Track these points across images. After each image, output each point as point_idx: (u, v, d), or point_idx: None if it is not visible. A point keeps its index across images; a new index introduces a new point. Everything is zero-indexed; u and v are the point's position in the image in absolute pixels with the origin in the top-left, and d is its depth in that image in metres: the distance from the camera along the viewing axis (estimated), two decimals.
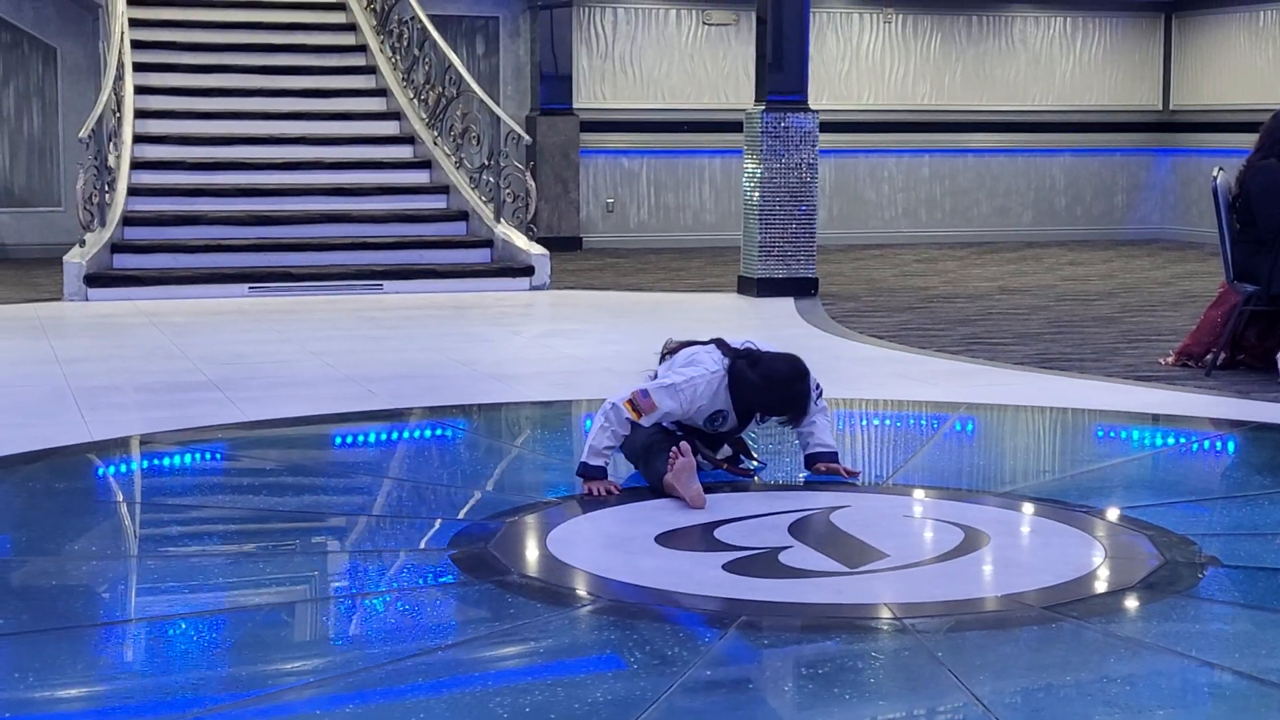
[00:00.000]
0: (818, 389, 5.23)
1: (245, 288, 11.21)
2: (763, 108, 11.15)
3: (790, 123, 11.09)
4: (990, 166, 16.74)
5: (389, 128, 13.35)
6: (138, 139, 12.33)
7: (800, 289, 11.13)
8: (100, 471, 5.73)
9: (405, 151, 13.15)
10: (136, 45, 12.96)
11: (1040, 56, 16.72)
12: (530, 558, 4.42)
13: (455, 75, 12.76)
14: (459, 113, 12.78)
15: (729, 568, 4.18)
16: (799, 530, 4.55)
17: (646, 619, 3.84)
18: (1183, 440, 6.33)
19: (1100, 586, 4.11)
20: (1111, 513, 4.85)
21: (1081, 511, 4.80)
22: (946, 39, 16.45)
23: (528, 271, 11.81)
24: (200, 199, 12.15)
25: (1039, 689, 3.34)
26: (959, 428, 6.48)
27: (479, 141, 12.69)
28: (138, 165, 12.15)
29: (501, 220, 12.31)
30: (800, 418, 5.16)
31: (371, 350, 8.56)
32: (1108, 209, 17.09)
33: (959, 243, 16.25)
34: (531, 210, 12.49)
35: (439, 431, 6.52)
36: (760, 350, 5.16)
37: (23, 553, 4.53)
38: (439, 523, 4.81)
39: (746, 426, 5.26)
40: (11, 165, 14.40)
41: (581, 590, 4.11)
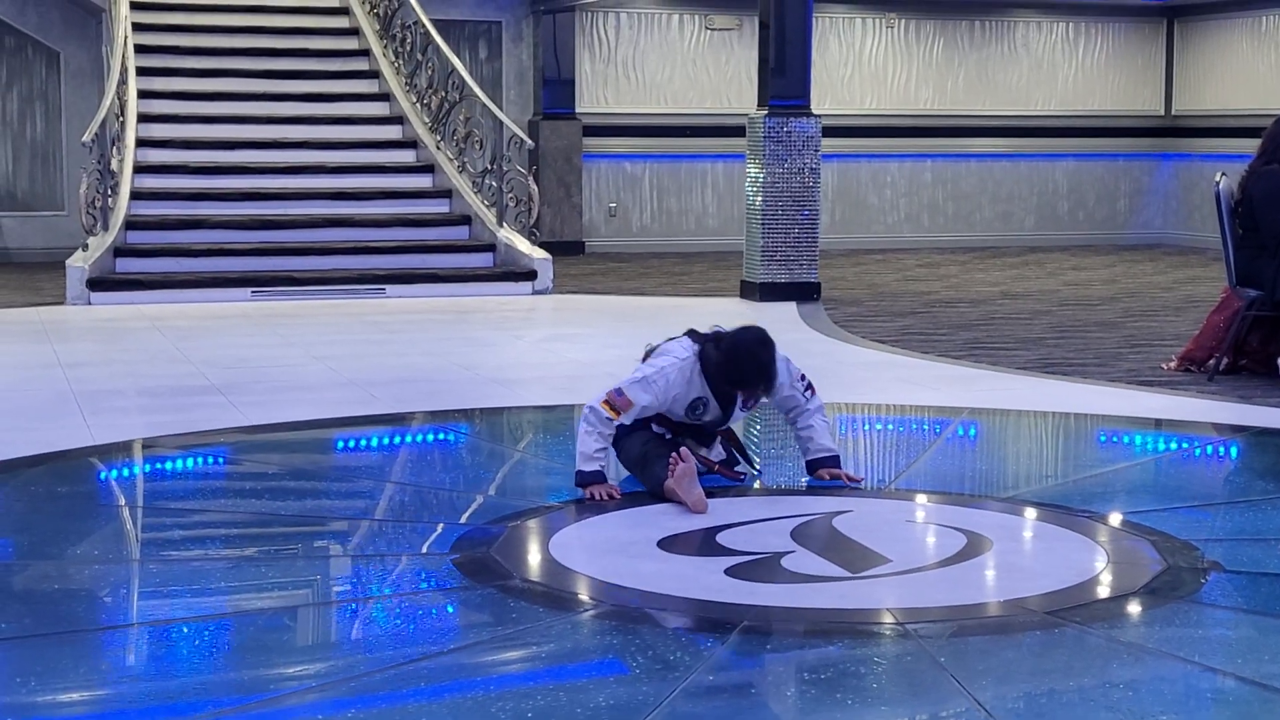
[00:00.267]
0: (806, 383, 5.22)
1: (248, 292, 11.21)
2: (765, 112, 11.15)
3: (793, 127, 11.10)
4: (993, 171, 16.74)
5: (392, 132, 13.36)
6: (141, 143, 12.34)
7: (803, 293, 11.13)
8: (103, 475, 5.73)
9: (408, 156, 13.16)
10: (140, 49, 12.97)
11: (1043, 61, 16.72)
12: (532, 562, 4.42)
13: (458, 79, 12.76)
14: (462, 117, 12.79)
15: (731, 572, 4.18)
16: (801, 535, 4.54)
17: (649, 624, 3.84)
18: (1185, 445, 6.33)
19: (1103, 592, 4.11)
20: (1114, 518, 4.84)
21: (1084, 516, 4.80)
22: (949, 44, 16.46)
23: (530, 276, 11.81)
24: (203, 203, 12.15)
25: (1042, 694, 3.34)
26: (961, 432, 6.48)
27: (482, 146, 12.70)
28: (141, 169, 12.16)
29: (504, 224, 12.31)
30: (770, 388, 5.10)
31: (374, 354, 8.56)
32: (1110, 214, 17.09)
33: (961, 247, 16.25)
34: (534, 214, 12.50)
35: (441, 436, 6.52)
36: (726, 330, 5.18)
37: (25, 557, 4.53)
38: (441, 527, 4.81)
39: (731, 415, 5.19)
40: (15, 169, 14.41)
41: (584, 595, 4.11)
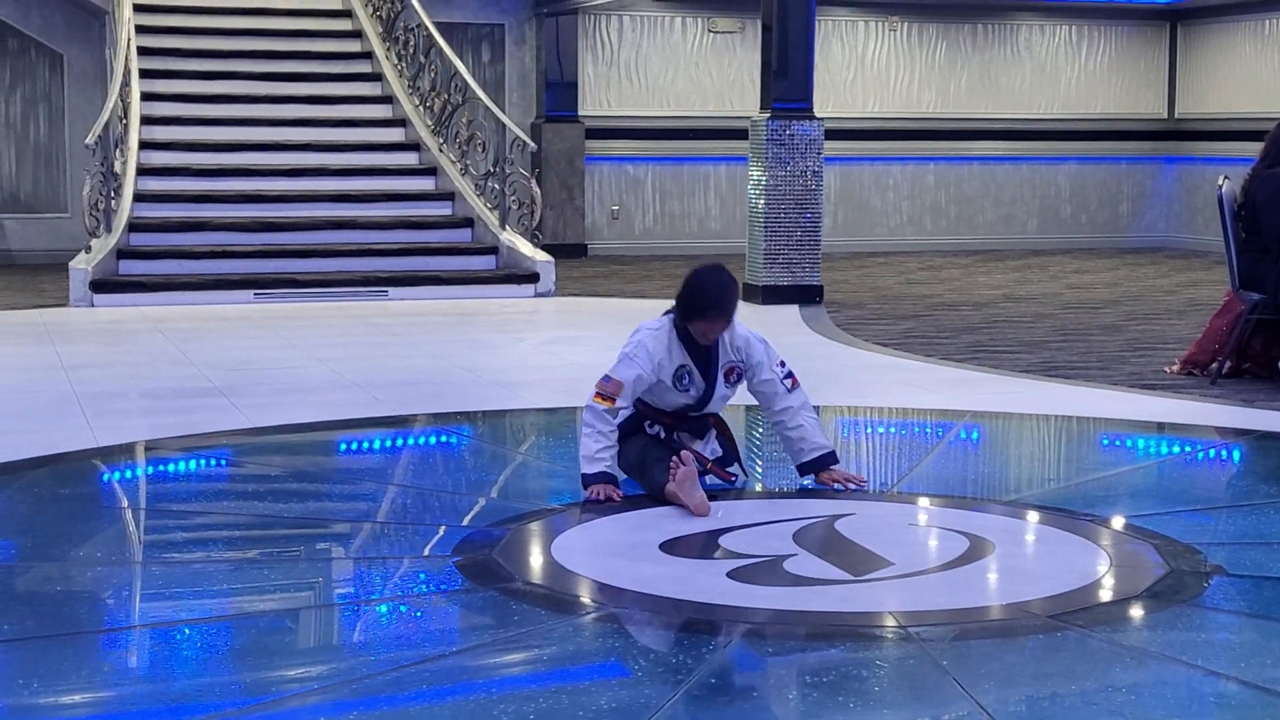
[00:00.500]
0: (787, 370, 5.23)
1: (251, 294, 11.22)
2: (768, 115, 11.15)
3: (795, 130, 11.10)
4: (995, 174, 16.74)
5: (395, 134, 13.36)
6: (144, 145, 12.35)
7: (805, 296, 11.13)
8: (105, 477, 5.74)
9: (411, 158, 13.16)
10: (143, 52, 12.99)
11: (1045, 64, 16.72)
12: (535, 564, 4.42)
13: (461, 82, 12.77)
14: (464, 119, 12.80)
15: (733, 575, 4.18)
16: (803, 538, 4.54)
17: (651, 626, 3.84)
18: (1188, 449, 6.33)
19: (1105, 595, 4.11)
20: (1117, 521, 4.84)
21: (1086, 520, 4.80)
22: (952, 47, 16.46)
23: (533, 278, 11.81)
24: (206, 205, 12.16)
25: (1044, 698, 3.34)
26: (964, 436, 6.48)
27: (484, 148, 12.71)
28: (144, 171, 12.16)
29: (506, 227, 12.31)
30: (731, 309, 5.07)
31: (376, 356, 8.56)
32: (1113, 217, 17.09)
33: (964, 250, 16.25)
34: (536, 217, 12.50)
35: (443, 438, 6.52)
36: None
37: (28, 558, 4.54)
38: (443, 529, 4.81)
39: (714, 385, 5.15)
40: (18, 171, 14.42)
41: (586, 597, 4.11)
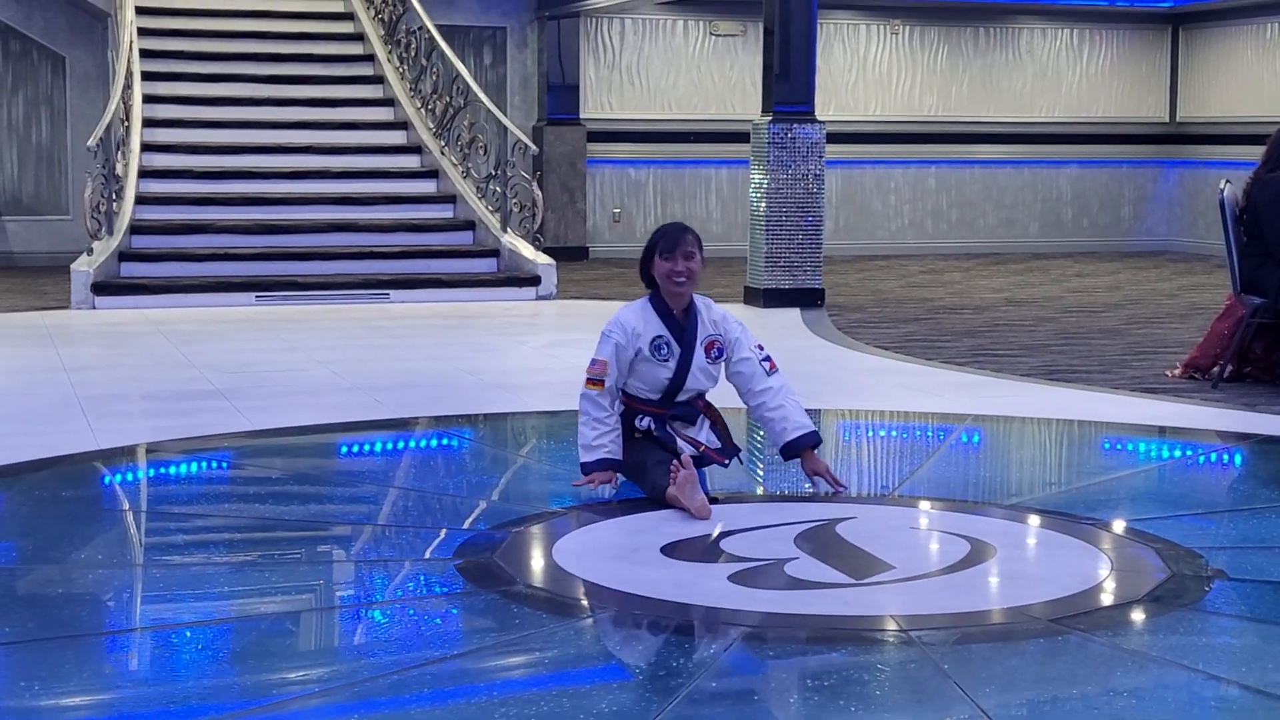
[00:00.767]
0: (765, 354, 5.22)
1: (252, 296, 11.22)
2: (769, 118, 11.15)
3: (797, 133, 11.10)
4: (997, 178, 16.74)
5: (396, 137, 13.37)
6: (146, 147, 12.36)
7: (806, 300, 11.13)
8: (107, 480, 5.74)
9: (412, 161, 13.17)
10: (145, 54, 12.99)
11: (1047, 68, 16.72)
12: (536, 568, 4.41)
13: (462, 85, 12.77)
14: (466, 122, 12.81)
15: (734, 579, 4.18)
16: (805, 541, 4.54)
17: (652, 630, 3.84)
18: (1189, 453, 6.32)
19: (1107, 599, 4.11)
20: (1118, 525, 4.84)
21: (1088, 524, 4.79)
22: (953, 50, 16.46)
23: (534, 281, 11.81)
24: (208, 208, 12.17)
25: (1045, 702, 3.33)
26: (965, 439, 6.48)
27: (486, 151, 12.71)
28: (146, 174, 12.17)
29: (508, 230, 12.31)
30: (682, 243, 5.05)
31: (378, 359, 8.56)
32: (1114, 221, 17.09)
33: (965, 254, 16.25)
34: (538, 220, 12.50)
35: (444, 441, 6.52)
36: None
37: (29, 561, 4.54)
38: (444, 532, 4.81)
39: (693, 352, 5.12)
40: (20, 173, 14.43)
41: (587, 600, 4.10)
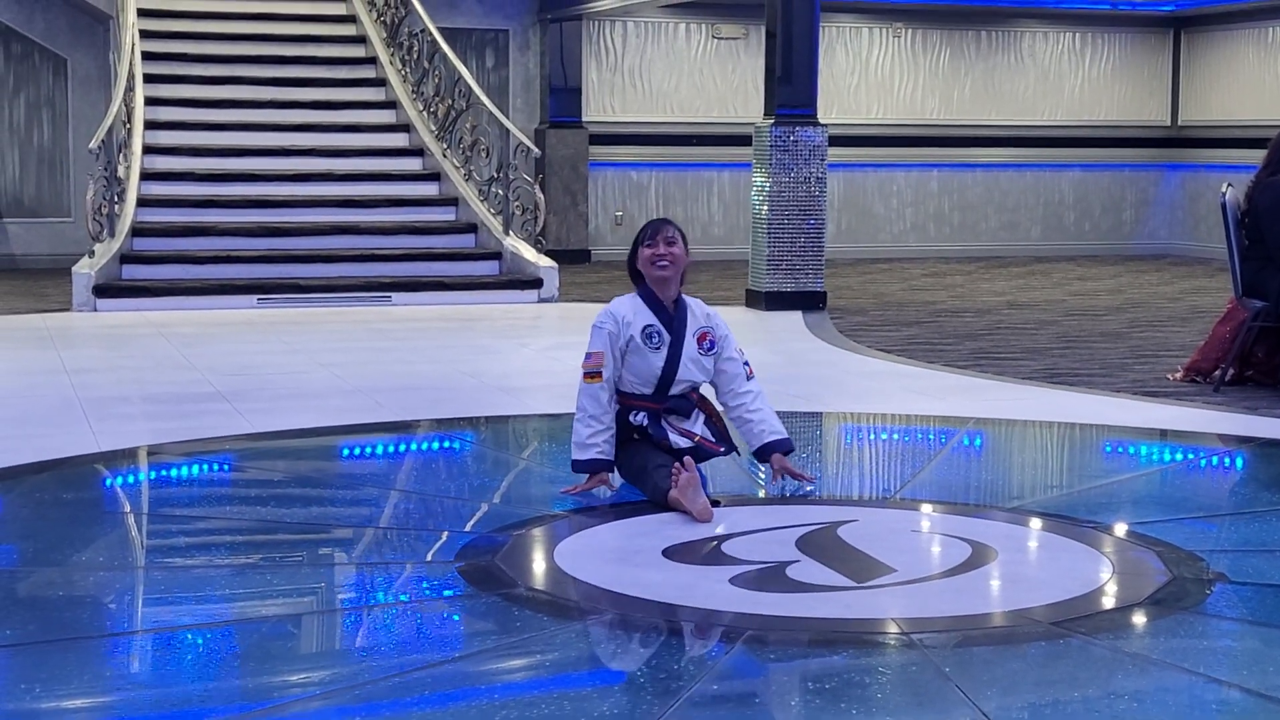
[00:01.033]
0: (745, 358, 5.26)
1: (254, 299, 11.23)
2: (772, 121, 11.16)
3: (799, 136, 11.10)
4: (999, 181, 16.74)
5: (398, 140, 13.38)
6: (147, 150, 12.36)
7: (808, 303, 11.13)
8: (108, 482, 5.74)
9: (414, 163, 13.17)
10: (147, 56, 13.00)
11: (1049, 72, 16.72)
12: (537, 571, 4.41)
13: (465, 88, 12.78)
14: (468, 125, 12.81)
15: (736, 582, 4.17)
16: (806, 544, 4.54)
17: (653, 633, 3.84)
18: (1190, 456, 6.32)
19: (1108, 602, 4.11)
20: (1119, 528, 4.84)
21: (1089, 527, 4.79)
22: (955, 53, 16.46)
23: (536, 284, 11.81)
24: (209, 210, 12.17)
25: (1046, 705, 3.33)
26: (967, 442, 6.47)
27: (488, 154, 12.72)
28: (147, 176, 12.17)
29: (510, 233, 12.32)
30: (665, 229, 5.13)
31: (379, 362, 8.57)
32: (1116, 224, 17.09)
33: (967, 257, 16.25)
34: (540, 223, 12.51)
35: (446, 444, 6.52)
36: None
37: (30, 563, 4.54)
38: (446, 535, 4.81)
39: (683, 340, 5.15)
40: (21, 176, 14.44)
41: (588, 603, 4.10)
